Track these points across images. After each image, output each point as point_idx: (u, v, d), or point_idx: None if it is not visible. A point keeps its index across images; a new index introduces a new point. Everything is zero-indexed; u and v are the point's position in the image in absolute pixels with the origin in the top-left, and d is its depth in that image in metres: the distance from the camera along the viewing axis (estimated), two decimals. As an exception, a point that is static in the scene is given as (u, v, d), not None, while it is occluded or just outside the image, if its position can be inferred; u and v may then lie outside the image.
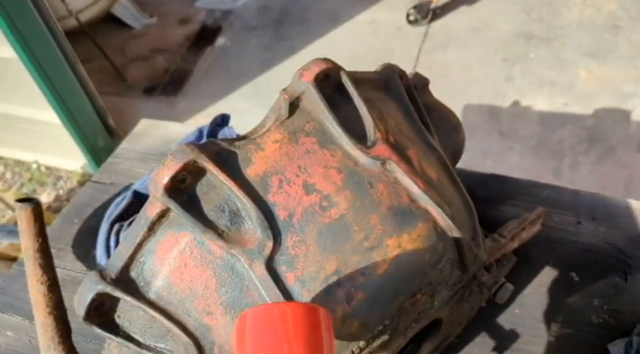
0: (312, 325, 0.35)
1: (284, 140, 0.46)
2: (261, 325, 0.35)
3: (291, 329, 0.34)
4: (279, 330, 0.34)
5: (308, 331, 0.35)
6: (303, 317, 0.35)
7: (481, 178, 0.83)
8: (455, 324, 0.62)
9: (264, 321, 0.35)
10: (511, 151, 1.86)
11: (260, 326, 0.35)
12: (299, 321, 0.35)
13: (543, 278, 0.71)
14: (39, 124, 1.89)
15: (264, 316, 0.35)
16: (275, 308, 0.36)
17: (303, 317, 0.35)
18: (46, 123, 1.86)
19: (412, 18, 2.35)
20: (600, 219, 0.75)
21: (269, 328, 0.35)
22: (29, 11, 1.57)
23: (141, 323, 0.46)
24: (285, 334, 0.34)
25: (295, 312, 0.35)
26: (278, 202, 0.44)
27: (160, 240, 0.44)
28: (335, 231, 0.44)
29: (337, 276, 0.44)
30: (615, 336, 0.64)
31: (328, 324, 0.36)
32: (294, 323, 0.35)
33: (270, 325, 0.35)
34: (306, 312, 0.36)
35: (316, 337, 0.35)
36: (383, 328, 0.47)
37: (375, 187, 0.46)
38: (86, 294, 0.44)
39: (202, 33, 2.53)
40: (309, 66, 0.48)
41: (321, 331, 0.35)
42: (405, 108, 0.55)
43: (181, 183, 0.43)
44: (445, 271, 0.50)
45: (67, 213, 0.88)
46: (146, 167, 0.93)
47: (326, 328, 0.36)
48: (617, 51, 2.11)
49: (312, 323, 0.35)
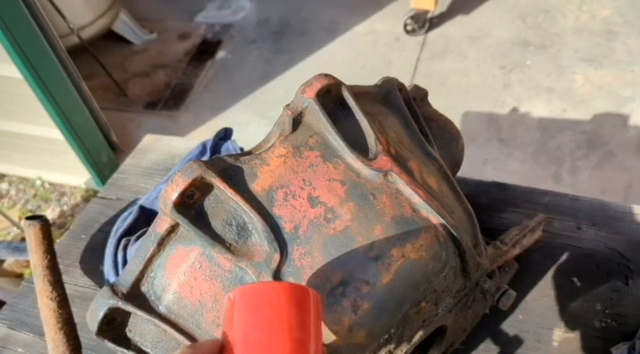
0: (300, 305, 0.36)
1: (288, 155, 0.48)
2: (250, 304, 0.35)
3: (279, 308, 0.35)
4: (267, 308, 0.35)
5: (296, 310, 0.35)
6: (292, 296, 0.35)
7: (481, 185, 0.84)
8: (459, 331, 0.63)
9: (252, 300, 0.35)
10: (511, 158, 1.88)
11: (248, 305, 0.35)
12: (287, 300, 0.35)
13: (545, 284, 0.72)
14: (42, 140, 1.90)
15: (253, 295, 0.36)
16: (264, 287, 0.36)
17: (291, 296, 0.35)
18: (49, 139, 1.88)
19: (410, 28, 2.37)
20: (600, 224, 0.77)
21: (257, 306, 0.35)
22: (32, 30, 1.59)
23: (152, 337, 0.47)
24: (274, 313, 0.34)
25: (284, 291, 0.36)
26: (284, 215, 0.46)
27: (169, 255, 0.45)
28: (340, 242, 0.46)
29: (343, 286, 0.45)
30: (618, 339, 0.64)
31: (317, 305, 0.37)
32: (282, 302, 0.35)
33: (259, 304, 0.35)
34: (295, 291, 0.36)
35: (304, 317, 0.35)
36: (389, 336, 0.48)
37: (378, 199, 0.48)
38: (98, 309, 0.45)
39: (203, 47, 2.56)
40: (310, 82, 0.49)
41: (310, 311, 0.36)
42: (405, 120, 0.56)
43: (190, 199, 0.45)
44: (449, 279, 0.51)
45: (75, 229, 0.89)
46: (151, 182, 0.94)
47: (315, 309, 0.36)
48: (613, 56, 2.13)
49: (299, 303, 0.36)
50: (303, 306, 0.36)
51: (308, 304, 0.36)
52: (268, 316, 0.34)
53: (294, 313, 0.35)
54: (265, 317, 0.34)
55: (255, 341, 0.33)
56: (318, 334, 0.36)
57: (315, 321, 0.36)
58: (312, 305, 0.36)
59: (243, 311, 0.35)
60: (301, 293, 0.36)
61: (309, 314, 0.36)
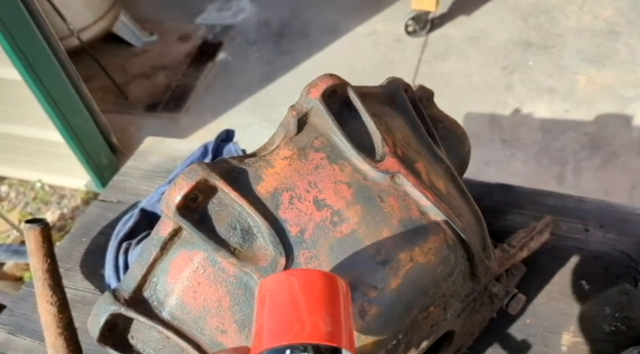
0: (330, 291, 0.35)
1: (293, 157, 0.47)
2: (280, 291, 0.35)
3: (310, 294, 0.35)
4: (297, 295, 0.35)
5: (325, 296, 0.35)
6: (322, 283, 0.35)
7: (487, 187, 0.83)
8: (467, 335, 0.62)
9: (281, 287, 0.35)
10: (514, 159, 1.87)
11: (278, 292, 0.35)
12: (317, 286, 0.35)
13: (553, 287, 0.70)
14: (42, 143, 1.90)
15: (283, 282, 0.36)
16: (293, 275, 0.36)
17: (321, 283, 0.35)
18: (49, 142, 1.87)
19: (411, 29, 2.36)
20: (608, 226, 0.75)
21: (287, 293, 0.35)
22: (32, 32, 1.59)
23: (155, 343, 0.46)
24: (305, 299, 0.34)
25: (315, 278, 0.36)
26: (289, 218, 0.44)
27: (172, 259, 0.44)
28: (347, 246, 0.45)
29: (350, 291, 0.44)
30: (628, 344, 0.63)
31: (346, 292, 0.37)
32: (312, 289, 0.35)
33: (289, 291, 0.35)
34: (324, 278, 0.36)
35: (334, 303, 0.35)
36: (397, 342, 0.47)
37: (386, 201, 0.47)
38: (100, 315, 0.44)
39: (203, 49, 2.55)
40: (316, 82, 0.48)
41: (340, 297, 0.36)
42: (412, 121, 0.55)
43: (193, 202, 0.43)
44: (457, 283, 0.50)
45: (75, 232, 0.88)
46: (152, 185, 0.93)
47: (344, 296, 0.36)
48: (616, 56, 2.12)
49: (329, 289, 0.35)
50: (333, 291, 0.36)
51: (337, 289, 0.36)
52: (298, 302, 0.34)
53: (325, 298, 0.35)
54: (295, 302, 0.34)
55: (276, 328, 0.33)
56: (347, 320, 0.35)
57: (346, 306, 0.36)
58: (342, 292, 0.36)
59: (273, 297, 0.35)
60: (331, 280, 0.36)
61: (339, 299, 0.35)
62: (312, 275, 0.36)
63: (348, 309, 0.36)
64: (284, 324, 0.33)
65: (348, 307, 0.36)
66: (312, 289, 0.35)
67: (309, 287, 0.35)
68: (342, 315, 0.35)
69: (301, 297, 0.34)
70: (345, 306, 0.36)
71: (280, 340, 0.32)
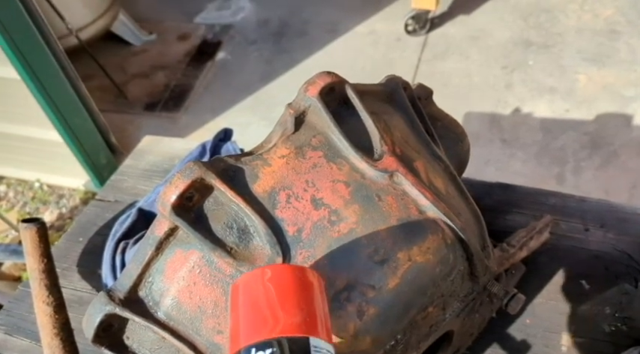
0: (302, 283, 0.35)
1: (291, 155, 0.46)
2: (252, 290, 0.35)
3: (282, 289, 0.35)
4: (269, 291, 0.34)
5: (298, 289, 0.35)
6: (292, 276, 0.36)
7: (486, 187, 0.82)
8: (466, 335, 0.61)
9: (254, 285, 0.35)
10: (513, 159, 1.86)
11: (251, 291, 0.35)
12: (288, 280, 0.35)
13: (553, 287, 0.70)
14: (41, 142, 1.89)
15: (254, 280, 0.35)
16: (263, 272, 0.36)
17: (291, 276, 0.35)
18: (48, 141, 1.86)
19: (410, 28, 2.36)
20: (609, 226, 0.75)
21: (260, 291, 0.35)
22: (30, 30, 1.58)
23: (150, 344, 0.45)
24: (277, 294, 0.34)
25: (285, 272, 0.36)
26: (286, 217, 0.44)
27: (168, 259, 0.44)
28: (344, 245, 0.44)
29: (348, 291, 0.43)
30: (629, 344, 0.63)
31: (319, 283, 0.37)
32: (284, 283, 0.35)
33: (261, 289, 0.35)
34: (294, 272, 0.36)
35: (307, 295, 0.35)
36: (395, 342, 0.46)
37: (384, 200, 0.46)
38: (95, 315, 0.43)
39: (202, 48, 2.55)
40: (313, 80, 0.48)
41: (313, 288, 0.36)
42: (411, 119, 0.55)
43: (189, 201, 0.43)
44: (456, 283, 0.50)
45: (72, 232, 0.87)
46: (150, 184, 0.93)
47: (317, 287, 0.36)
48: (616, 56, 2.11)
49: (301, 281, 0.35)
50: (305, 285, 0.36)
51: (310, 283, 0.36)
52: (271, 298, 0.34)
53: (298, 293, 0.35)
54: (269, 299, 0.34)
55: (250, 325, 0.33)
56: (322, 311, 0.35)
57: (319, 297, 0.36)
58: (316, 285, 0.36)
59: (246, 296, 0.35)
60: (301, 273, 0.36)
61: (312, 290, 0.35)
62: (282, 270, 0.36)
63: (323, 300, 0.36)
64: (258, 320, 0.33)
65: (322, 298, 0.36)
66: (283, 283, 0.35)
67: (280, 282, 0.35)
68: (316, 306, 0.35)
69: (273, 292, 0.34)
70: (319, 297, 0.36)
71: (256, 336, 0.32)
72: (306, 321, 0.33)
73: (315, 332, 0.33)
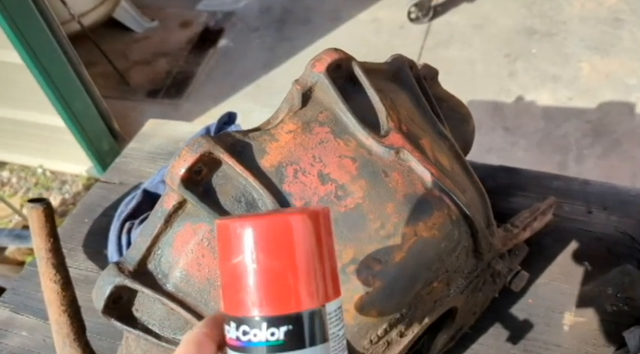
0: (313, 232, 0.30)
1: (298, 131, 0.46)
2: (272, 244, 0.29)
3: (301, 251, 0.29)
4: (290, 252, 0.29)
5: (308, 237, 0.29)
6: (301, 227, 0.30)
7: (490, 170, 0.83)
8: (469, 314, 0.62)
9: (274, 238, 0.29)
10: (516, 147, 1.86)
11: (270, 245, 0.29)
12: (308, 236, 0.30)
13: (556, 268, 0.70)
14: (44, 128, 1.89)
15: (274, 230, 0.29)
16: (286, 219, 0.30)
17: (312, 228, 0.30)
18: (51, 127, 1.86)
19: (413, 16, 2.35)
20: (611, 208, 0.75)
21: (281, 249, 0.29)
22: (33, 15, 1.58)
23: (159, 315, 0.46)
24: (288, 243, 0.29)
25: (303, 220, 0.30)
26: (294, 192, 0.44)
27: (177, 232, 0.44)
28: (351, 220, 0.44)
29: (354, 264, 0.44)
30: (630, 323, 0.63)
31: (327, 223, 0.31)
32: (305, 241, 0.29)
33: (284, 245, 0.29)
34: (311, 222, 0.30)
35: (317, 241, 0.30)
36: (400, 316, 0.47)
37: (390, 176, 0.46)
38: (105, 287, 0.44)
39: (204, 35, 2.54)
40: (320, 56, 0.48)
41: (321, 234, 0.30)
42: (416, 98, 0.55)
43: (197, 174, 0.43)
44: (461, 259, 0.50)
45: (78, 213, 0.88)
46: (154, 167, 0.93)
47: (325, 229, 0.31)
48: (620, 44, 2.11)
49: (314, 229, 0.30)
50: (317, 230, 0.30)
51: (319, 228, 0.30)
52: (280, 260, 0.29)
53: (306, 241, 0.29)
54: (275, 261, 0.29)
55: (265, 290, 0.28)
56: (331, 256, 0.31)
57: (327, 242, 0.31)
58: (323, 227, 0.31)
59: (239, 247, 0.29)
60: (313, 219, 0.30)
61: (321, 238, 0.30)
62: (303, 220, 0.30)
63: (330, 242, 0.31)
64: (275, 288, 0.28)
65: (329, 240, 0.31)
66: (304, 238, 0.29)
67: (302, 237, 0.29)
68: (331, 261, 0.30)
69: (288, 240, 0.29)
70: (326, 241, 0.30)
71: (273, 309, 0.28)
72: (323, 286, 0.29)
73: (330, 296, 0.29)
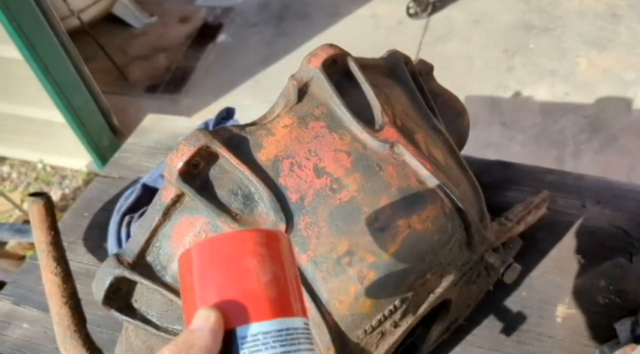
0: (267, 248, 0.30)
1: (294, 125, 0.47)
2: (211, 257, 0.30)
3: (238, 256, 0.30)
4: (225, 258, 0.30)
5: (262, 253, 0.30)
6: (255, 241, 0.30)
7: (485, 164, 0.84)
8: (463, 307, 0.63)
9: (211, 253, 0.30)
10: (513, 142, 1.87)
11: (208, 259, 0.30)
12: (249, 245, 0.30)
13: (549, 261, 0.71)
14: (44, 123, 1.90)
15: (209, 248, 0.30)
16: (220, 238, 0.31)
17: (253, 242, 0.30)
18: (50, 122, 1.87)
19: (412, 11, 2.35)
20: (605, 202, 0.76)
21: (216, 259, 0.30)
22: (33, 11, 1.58)
23: (158, 306, 0.47)
24: (236, 260, 0.30)
25: (244, 238, 0.31)
26: (289, 185, 0.45)
27: (175, 224, 0.45)
28: (346, 212, 0.45)
29: (349, 256, 0.45)
30: (622, 315, 0.64)
31: (289, 245, 0.32)
32: (244, 248, 0.30)
33: (219, 256, 0.30)
34: (258, 237, 0.31)
35: (272, 260, 0.30)
36: (394, 307, 0.48)
37: (384, 170, 0.47)
38: (104, 278, 0.45)
39: (203, 30, 2.54)
40: (316, 52, 0.49)
41: (280, 252, 0.31)
42: (411, 93, 0.56)
43: (195, 168, 0.44)
44: (454, 251, 0.51)
45: (78, 207, 0.89)
46: (154, 161, 0.94)
47: (287, 250, 0.32)
48: (617, 40, 2.11)
49: (266, 246, 0.30)
50: (270, 248, 0.31)
51: (277, 245, 0.31)
52: (228, 267, 0.30)
53: (262, 257, 0.30)
54: (225, 268, 0.30)
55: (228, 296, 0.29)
56: (293, 274, 0.31)
57: (290, 262, 0.31)
58: (283, 246, 0.32)
59: (202, 267, 0.30)
60: (267, 237, 0.31)
61: (280, 256, 0.31)
62: (244, 235, 0.31)
63: (292, 263, 0.31)
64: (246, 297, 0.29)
65: (292, 260, 0.31)
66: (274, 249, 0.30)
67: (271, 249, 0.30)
68: (285, 269, 0.31)
69: (235, 258, 0.30)
70: (288, 260, 0.31)
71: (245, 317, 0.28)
72: (270, 283, 0.30)
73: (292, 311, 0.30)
